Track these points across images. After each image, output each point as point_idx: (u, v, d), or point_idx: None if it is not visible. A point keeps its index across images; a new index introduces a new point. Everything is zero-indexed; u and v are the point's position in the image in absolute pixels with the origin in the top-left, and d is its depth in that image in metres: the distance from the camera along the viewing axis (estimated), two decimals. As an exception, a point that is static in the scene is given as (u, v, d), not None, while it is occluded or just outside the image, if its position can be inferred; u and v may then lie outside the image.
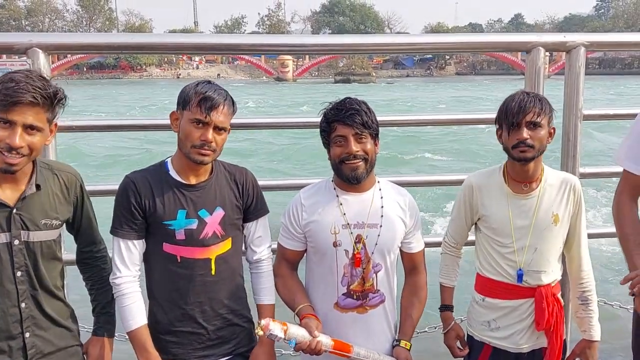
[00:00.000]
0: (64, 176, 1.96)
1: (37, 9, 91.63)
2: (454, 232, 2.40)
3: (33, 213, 1.84)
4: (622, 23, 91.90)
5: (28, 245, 1.84)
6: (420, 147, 16.74)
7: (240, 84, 62.43)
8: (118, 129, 2.97)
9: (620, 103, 27.58)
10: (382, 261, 2.15)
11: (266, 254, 2.22)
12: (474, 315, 2.34)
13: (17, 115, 1.69)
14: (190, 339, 2.07)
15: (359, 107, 2.06)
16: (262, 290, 2.20)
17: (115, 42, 2.81)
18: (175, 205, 2.01)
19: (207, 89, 1.96)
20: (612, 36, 3.26)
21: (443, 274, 2.42)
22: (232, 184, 2.12)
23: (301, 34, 31.05)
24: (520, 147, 2.09)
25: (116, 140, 17.42)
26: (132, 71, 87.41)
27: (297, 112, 27.53)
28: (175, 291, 2.05)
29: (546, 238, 2.19)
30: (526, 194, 2.19)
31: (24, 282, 1.84)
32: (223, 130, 1.99)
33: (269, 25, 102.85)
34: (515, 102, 2.10)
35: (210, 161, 2.02)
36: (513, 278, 2.19)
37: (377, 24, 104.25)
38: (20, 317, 1.83)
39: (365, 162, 2.07)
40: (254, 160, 14.62)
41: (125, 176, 2.07)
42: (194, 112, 1.94)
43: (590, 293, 2.30)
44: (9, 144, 1.70)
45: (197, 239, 2.02)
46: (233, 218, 2.10)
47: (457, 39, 3.17)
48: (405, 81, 74.54)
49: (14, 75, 1.71)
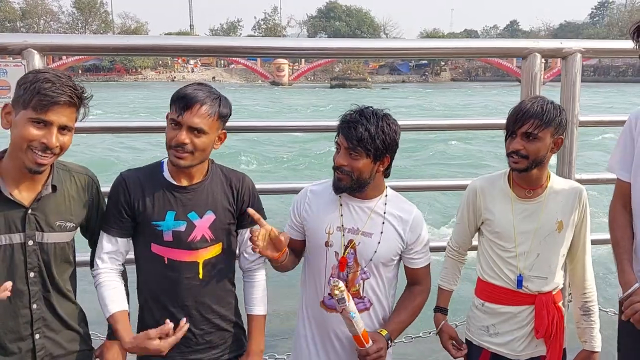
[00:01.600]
0: (81, 178, 1.96)
1: (32, 11, 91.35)
2: (457, 236, 2.40)
3: (48, 214, 1.83)
4: (616, 31, 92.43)
5: (42, 247, 1.83)
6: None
7: (235, 87, 62.41)
8: (115, 131, 2.96)
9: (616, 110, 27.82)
10: (371, 271, 2.11)
11: (259, 262, 2.18)
12: (473, 320, 2.33)
13: (55, 116, 1.71)
14: (177, 343, 2.03)
15: (366, 122, 1.96)
16: (253, 300, 2.17)
17: (111, 43, 2.80)
18: (164, 206, 1.99)
19: (189, 89, 1.93)
20: (608, 43, 3.28)
21: (442, 277, 2.43)
22: (227, 188, 2.09)
23: (298, 38, 31.09)
24: (513, 157, 2.08)
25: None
26: (127, 74, 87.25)
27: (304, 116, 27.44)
28: (162, 293, 2.03)
29: (549, 244, 2.18)
30: (531, 199, 2.18)
31: (36, 283, 1.83)
32: (201, 132, 1.91)
33: (265, 29, 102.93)
34: (516, 110, 2.08)
35: (187, 164, 1.94)
36: (513, 283, 2.18)
37: (373, 29, 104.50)
38: (31, 319, 1.82)
39: (350, 177, 2.01)
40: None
41: (119, 173, 2.06)
42: (171, 112, 1.93)
43: (592, 304, 2.28)
44: (45, 143, 1.71)
45: (184, 242, 1.99)
46: (225, 223, 2.07)
47: (453, 45, 3.17)
48: (400, 87, 74.71)
49: (46, 75, 1.71)
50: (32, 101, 1.68)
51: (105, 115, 26.63)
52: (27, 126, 1.69)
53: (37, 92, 1.67)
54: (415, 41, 7.52)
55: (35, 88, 1.68)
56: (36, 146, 1.71)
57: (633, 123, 2.07)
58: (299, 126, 3.31)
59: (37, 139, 1.70)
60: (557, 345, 2.20)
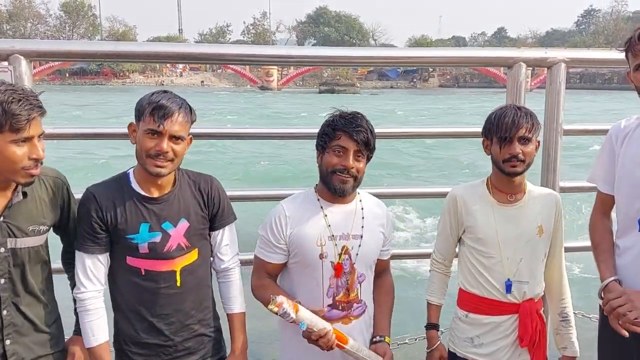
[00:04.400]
0: (50, 181, 1.96)
1: (19, 14, 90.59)
2: (441, 247, 2.38)
3: (20, 220, 1.84)
4: (602, 39, 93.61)
5: (15, 252, 1.83)
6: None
7: (224, 92, 62.17)
8: (91, 137, 2.96)
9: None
10: (365, 271, 2.16)
11: (234, 261, 2.20)
12: (456, 332, 2.32)
13: (33, 130, 1.73)
14: (157, 351, 2.05)
15: (367, 126, 2.07)
16: (231, 299, 2.18)
17: (100, 50, 2.77)
18: (137, 219, 1.98)
19: (160, 98, 1.93)
20: (592, 53, 3.31)
21: (430, 292, 2.39)
22: (196, 193, 2.09)
23: (287, 46, 31.08)
24: (512, 161, 2.11)
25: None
26: (115, 78, 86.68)
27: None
28: (140, 304, 2.02)
29: (531, 249, 2.20)
30: (512, 204, 2.21)
31: (6, 289, 1.82)
32: (180, 139, 1.95)
33: (254, 34, 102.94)
34: (508, 117, 2.12)
35: (167, 172, 1.96)
36: (499, 291, 2.19)
37: (362, 35, 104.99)
38: (2, 325, 1.81)
39: (354, 179, 2.08)
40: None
41: (86, 189, 2.03)
42: (147, 122, 1.91)
43: (570, 309, 2.32)
44: (36, 158, 1.75)
45: (161, 252, 2.00)
46: (198, 228, 2.08)
47: (440, 54, 3.19)
48: (389, 92, 74.94)
49: (12, 96, 1.67)
50: (7, 125, 1.66)
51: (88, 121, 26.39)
52: (11, 148, 1.70)
53: (12, 116, 1.66)
54: (404, 50, 7.58)
55: (8, 110, 1.65)
56: (28, 165, 1.74)
57: (614, 137, 2.11)
58: (277, 133, 3.27)
59: (24, 159, 1.72)
60: (541, 354, 2.22)
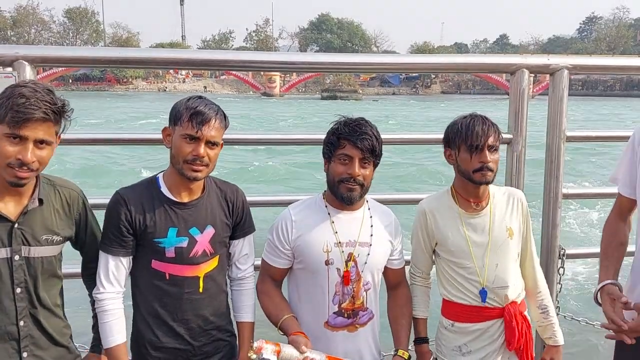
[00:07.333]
0: (65, 192, 1.94)
1: (23, 20, 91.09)
2: (417, 261, 2.35)
3: (35, 228, 1.81)
4: (604, 46, 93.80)
5: (28, 261, 1.80)
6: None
7: (226, 98, 62.31)
8: (109, 142, 2.96)
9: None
10: (371, 279, 2.15)
11: (250, 271, 2.22)
12: (443, 342, 2.30)
13: (29, 131, 1.68)
14: (175, 355, 2.06)
15: (372, 132, 2.05)
16: (243, 308, 2.19)
17: (103, 56, 2.77)
18: (166, 223, 2.00)
19: (198, 104, 1.96)
20: (594, 59, 3.32)
21: (415, 306, 2.32)
22: (223, 202, 2.12)
23: (290, 52, 31.13)
24: (483, 170, 2.10)
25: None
26: (118, 84, 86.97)
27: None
28: (162, 307, 2.03)
29: (504, 253, 2.20)
30: (478, 212, 2.21)
31: (23, 299, 1.79)
32: (215, 145, 1.98)
33: (257, 41, 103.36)
34: (478, 125, 2.11)
35: (203, 177, 2.00)
36: (479, 299, 2.19)
37: (364, 41, 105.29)
38: (18, 336, 1.78)
39: (361, 187, 2.07)
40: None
41: (115, 192, 2.05)
42: (185, 127, 1.94)
43: (548, 300, 2.34)
44: (20, 159, 1.69)
45: (186, 257, 2.01)
46: (223, 236, 2.10)
47: (443, 60, 3.20)
48: (391, 99, 75.05)
49: (21, 90, 1.68)
50: (6, 117, 1.66)
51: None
52: (3, 142, 1.68)
53: (11, 108, 1.65)
54: (406, 56, 7.58)
55: (10, 104, 1.66)
56: (13, 162, 1.69)
57: (637, 138, 2.09)
58: (291, 139, 3.32)
59: (12, 155, 1.68)
60: (529, 355, 2.21)
